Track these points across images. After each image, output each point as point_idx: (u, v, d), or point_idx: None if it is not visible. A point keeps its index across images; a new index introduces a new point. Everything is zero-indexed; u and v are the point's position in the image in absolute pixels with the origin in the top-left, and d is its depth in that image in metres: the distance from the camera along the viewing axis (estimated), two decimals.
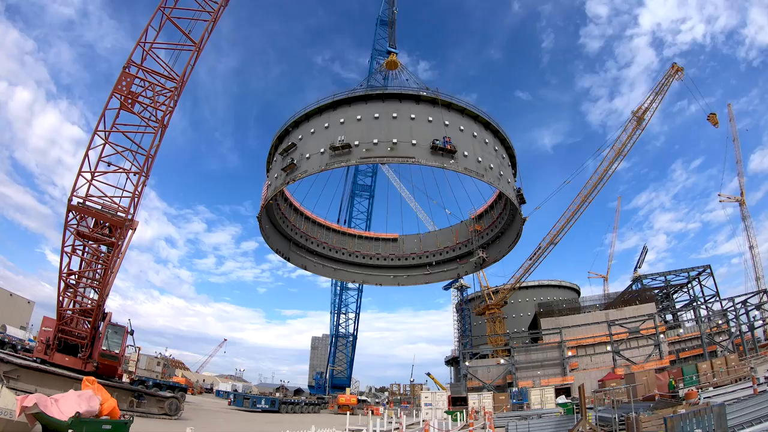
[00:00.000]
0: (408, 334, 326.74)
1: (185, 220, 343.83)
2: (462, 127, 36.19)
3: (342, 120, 36.03)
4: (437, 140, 33.80)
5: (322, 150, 35.26)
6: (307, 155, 36.02)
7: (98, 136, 20.73)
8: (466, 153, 34.80)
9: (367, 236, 58.52)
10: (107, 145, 20.90)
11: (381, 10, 66.29)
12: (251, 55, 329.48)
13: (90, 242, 21.42)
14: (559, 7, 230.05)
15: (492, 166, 36.15)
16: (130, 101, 21.49)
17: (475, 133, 36.85)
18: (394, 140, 33.97)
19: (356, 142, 34.24)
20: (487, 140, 37.51)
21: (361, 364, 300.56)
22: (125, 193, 21.62)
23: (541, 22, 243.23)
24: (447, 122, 35.50)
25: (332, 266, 54.77)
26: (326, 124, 36.57)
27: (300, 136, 38.04)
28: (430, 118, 35.44)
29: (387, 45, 58.71)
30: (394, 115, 35.36)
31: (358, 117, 35.73)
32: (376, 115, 35.52)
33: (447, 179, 48.97)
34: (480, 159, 35.49)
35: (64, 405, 10.10)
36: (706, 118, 57.10)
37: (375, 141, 34.14)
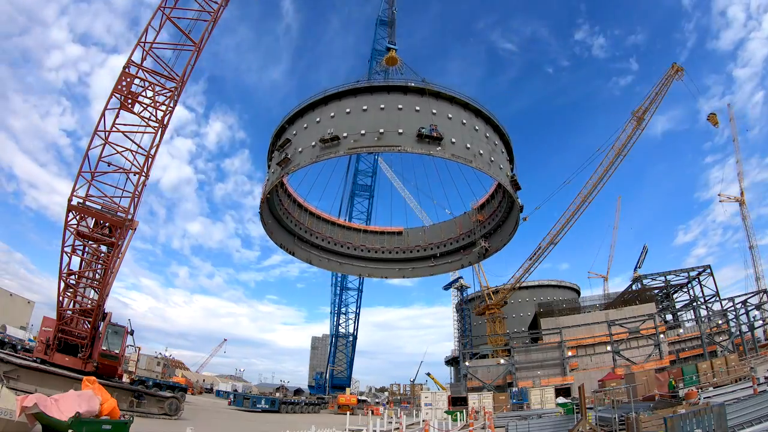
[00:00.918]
0: (450, 330, 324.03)
1: (238, 207, 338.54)
2: (450, 116, 36.93)
3: (332, 114, 37.20)
4: (423, 128, 34.63)
5: (313, 143, 36.33)
6: (300, 149, 37.15)
7: (98, 136, 20.74)
8: (453, 140, 35.47)
9: (371, 230, 58.98)
10: (107, 145, 20.91)
11: (381, 10, 66.36)
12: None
13: (90, 242, 21.42)
14: (706, 9, 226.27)
15: (482, 152, 36.71)
16: (130, 101, 21.50)
17: (464, 121, 37.52)
18: (381, 130, 34.95)
19: (344, 134, 35.31)
20: (477, 127, 38.15)
21: (391, 363, 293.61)
22: (125, 193, 21.63)
23: (690, 22, 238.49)
24: (434, 111, 36.34)
25: (337, 260, 55.22)
26: (318, 119, 37.68)
27: (294, 132, 39.14)
28: (418, 108, 36.37)
29: (387, 43, 58.94)
30: (382, 106, 36.41)
31: (348, 110, 36.87)
32: (365, 107, 36.62)
33: (450, 173, 49.29)
34: (469, 146, 36.15)
35: (64, 405, 10.10)
36: (706, 118, 57.27)
37: (362, 132, 35.22)
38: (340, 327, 79.50)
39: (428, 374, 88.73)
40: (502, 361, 56.77)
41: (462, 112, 37.96)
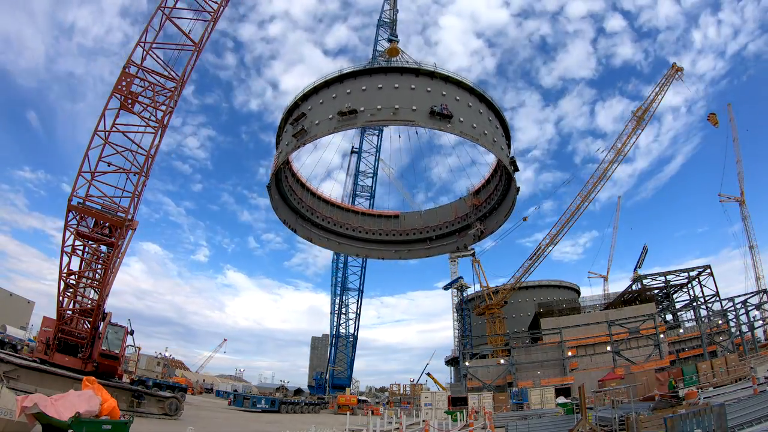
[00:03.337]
0: None
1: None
2: (458, 98, 39.57)
3: (348, 91, 39.58)
4: (435, 107, 37.18)
5: (330, 116, 38.56)
6: (317, 121, 39.35)
7: (98, 136, 20.75)
8: (462, 119, 38.29)
9: (369, 213, 61.18)
10: (107, 145, 20.91)
11: (381, 12, 66.84)
12: None
13: (90, 242, 21.42)
14: None
15: (486, 132, 39.67)
16: (130, 101, 21.51)
17: (470, 104, 40.20)
18: (396, 106, 37.67)
19: (362, 108, 37.91)
20: (481, 111, 40.93)
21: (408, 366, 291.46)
22: (125, 193, 21.63)
23: None
24: (444, 93, 38.95)
25: (336, 240, 57.17)
26: (334, 95, 40.07)
27: (309, 107, 41.29)
28: (429, 89, 38.97)
29: (389, 36, 59.76)
30: (396, 85, 39.00)
31: (363, 88, 39.41)
32: (380, 85, 39.22)
33: (451, 168, 50.95)
34: (475, 125, 38.99)
35: (64, 405, 10.10)
36: (706, 118, 57.35)
37: (378, 107, 37.95)
38: (340, 327, 79.52)
39: (428, 374, 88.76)
40: (502, 361, 56.76)
41: (468, 96, 40.56)
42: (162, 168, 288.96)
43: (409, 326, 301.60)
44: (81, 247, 21.35)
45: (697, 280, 58.01)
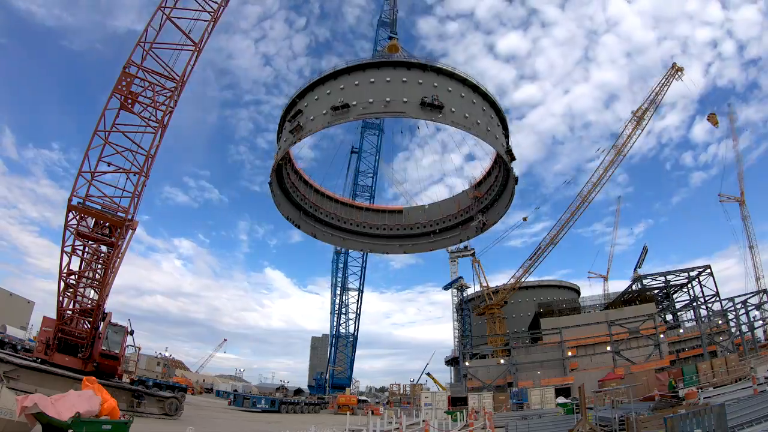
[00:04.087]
0: None
1: None
2: (450, 89, 40.24)
3: (342, 86, 40.44)
4: (426, 98, 37.90)
5: (324, 111, 39.55)
6: (312, 117, 40.32)
7: (98, 136, 20.75)
8: (453, 109, 38.92)
9: (373, 209, 61.59)
10: (107, 145, 20.91)
11: (382, 12, 67.05)
12: None
13: (90, 242, 21.42)
14: None
15: (479, 122, 40.09)
16: (130, 101, 21.50)
17: (463, 94, 40.83)
18: (388, 99, 38.59)
19: (354, 102, 38.81)
20: (474, 101, 41.44)
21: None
22: (125, 193, 21.63)
23: None
24: (435, 84, 39.71)
25: (340, 236, 57.58)
26: (328, 91, 40.90)
27: (306, 104, 42.08)
28: (420, 81, 39.74)
29: (389, 33, 60.01)
30: (388, 79, 39.86)
31: (356, 83, 40.23)
32: (372, 80, 40.03)
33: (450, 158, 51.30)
34: (467, 115, 39.51)
35: (64, 405, 10.09)
36: (706, 118, 57.38)
37: (370, 100, 38.80)
38: (340, 327, 79.59)
39: (428, 374, 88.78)
40: (502, 361, 56.79)
41: (461, 87, 41.10)
42: (255, 167, 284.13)
43: (448, 323, 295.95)
44: (81, 247, 21.36)
45: (697, 280, 58.07)
